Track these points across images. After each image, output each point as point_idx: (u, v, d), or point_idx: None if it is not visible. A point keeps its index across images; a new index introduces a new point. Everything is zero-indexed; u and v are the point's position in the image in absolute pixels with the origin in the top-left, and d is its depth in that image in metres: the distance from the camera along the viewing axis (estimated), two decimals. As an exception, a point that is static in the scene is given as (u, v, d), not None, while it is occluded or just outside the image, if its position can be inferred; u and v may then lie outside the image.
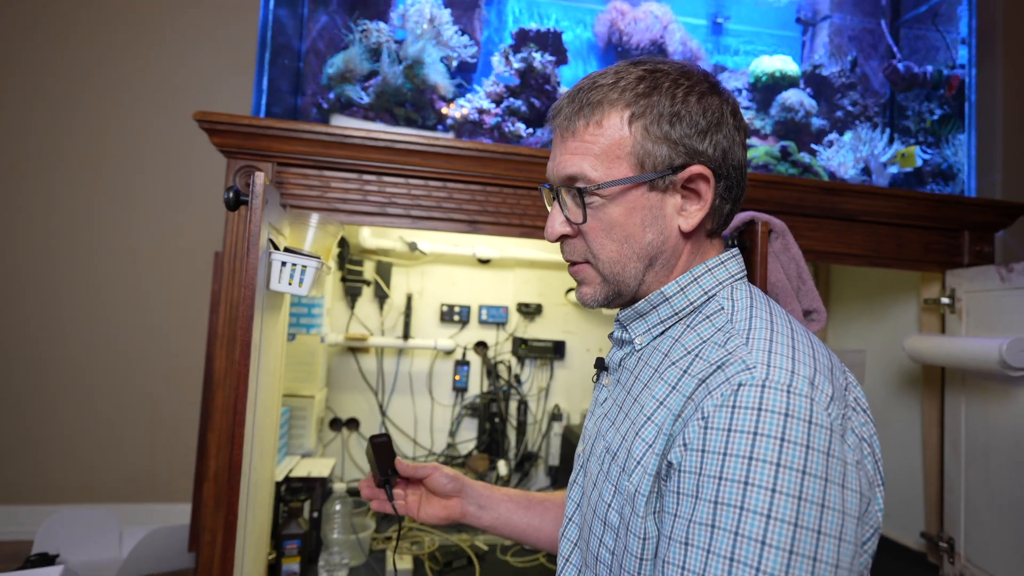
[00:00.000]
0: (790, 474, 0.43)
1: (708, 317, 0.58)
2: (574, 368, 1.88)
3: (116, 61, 1.83)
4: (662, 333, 0.62)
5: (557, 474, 1.77)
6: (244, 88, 1.84)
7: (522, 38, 1.48)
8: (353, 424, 1.74)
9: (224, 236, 1.05)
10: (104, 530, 1.23)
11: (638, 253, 0.60)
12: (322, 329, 1.53)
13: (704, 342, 0.55)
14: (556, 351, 1.83)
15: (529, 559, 1.37)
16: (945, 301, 1.38)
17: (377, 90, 1.39)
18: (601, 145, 0.58)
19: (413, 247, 1.72)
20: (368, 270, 1.75)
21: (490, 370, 1.80)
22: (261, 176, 0.79)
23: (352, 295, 1.73)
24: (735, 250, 0.64)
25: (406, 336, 1.74)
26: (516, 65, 1.45)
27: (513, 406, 1.81)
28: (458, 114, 1.42)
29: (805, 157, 1.53)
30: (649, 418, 0.54)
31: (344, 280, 1.72)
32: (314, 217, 1.04)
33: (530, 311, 1.84)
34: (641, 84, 0.58)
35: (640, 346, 0.63)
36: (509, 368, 1.82)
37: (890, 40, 1.63)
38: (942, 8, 1.67)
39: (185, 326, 1.83)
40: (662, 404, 0.53)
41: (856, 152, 1.56)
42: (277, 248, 0.92)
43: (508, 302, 1.84)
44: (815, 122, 1.57)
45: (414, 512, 0.81)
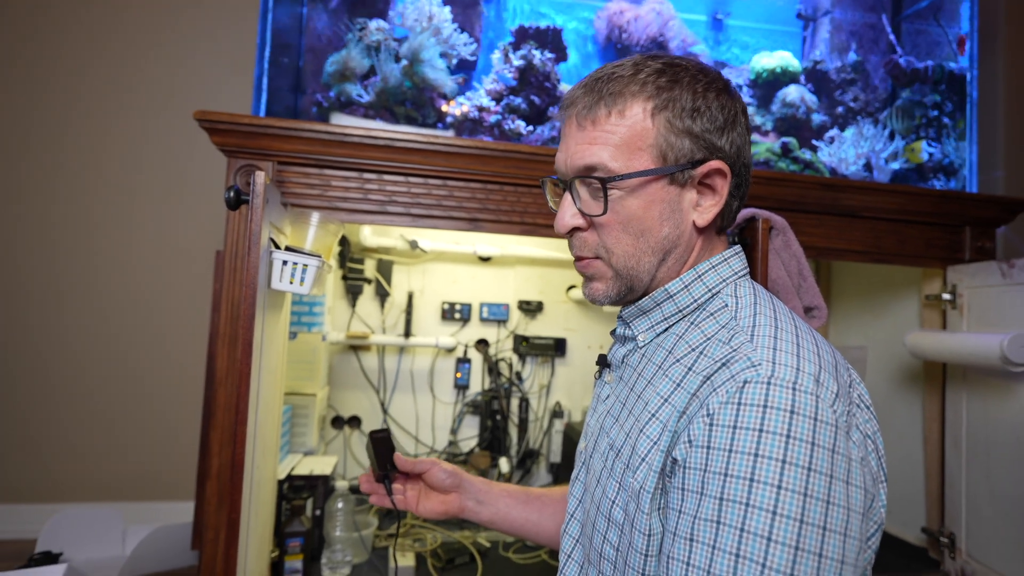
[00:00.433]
0: (796, 471, 0.43)
1: (712, 314, 0.58)
2: (575, 365, 1.88)
3: (115, 60, 1.83)
4: (665, 330, 0.61)
5: (559, 471, 1.78)
6: (244, 87, 1.83)
7: (522, 35, 1.48)
8: (355, 422, 1.74)
9: (225, 235, 1.06)
10: (107, 528, 1.23)
11: (653, 247, 0.59)
12: (324, 327, 1.53)
13: (708, 339, 0.55)
14: (557, 348, 1.83)
15: (531, 555, 1.37)
16: (946, 297, 1.38)
17: (377, 88, 1.39)
18: (621, 135, 0.57)
19: (414, 245, 1.72)
20: (369, 268, 1.75)
21: (491, 368, 1.80)
22: (262, 175, 0.79)
23: (353, 293, 1.74)
24: (738, 247, 0.64)
25: (407, 334, 1.75)
26: (516, 62, 1.45)
27: (514, 403, 1.81)
28: (458, 111, 1.41)
29: (806, 153, 1.53)
30: (654, 415, 0.54)
31: (345, 278, 1.72)
32: (315, 216, 1.04)
33: (531, 309, 1.84)
34: (662, 77, 0.57)
35: (643, 343, 0.63)
36: (510, 366, 1.83)
37: (891, 35, 1.63)
38: (944, 3, 1.66)
39: (186, 325, 1.84)
40: (667, 401, 0.53)
41: (857, 148, 1.56)
42: (278, 247, 0.92)
43: (509, 300, 1.84)
44: (816, 118, 1.56)
45: (413, 507, 0.81)
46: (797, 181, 1.28)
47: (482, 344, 1.82)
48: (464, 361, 1.79)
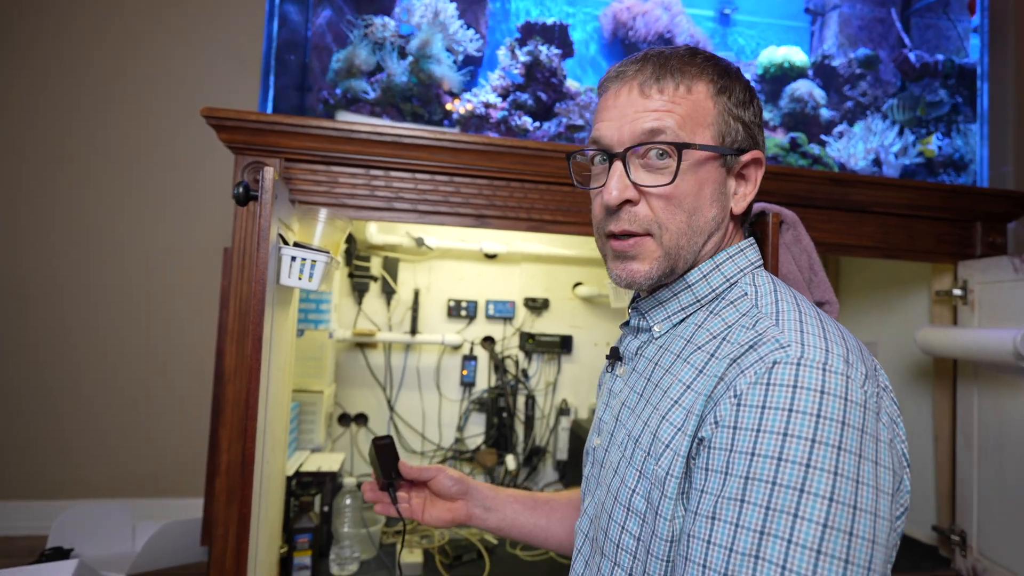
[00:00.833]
0: (826, 449, 0.43)
1: (732, 303, 0.58)
2: (582, 363, 1.88)
3: (121, 57, 1.83)
4: (682, 320, 0.61)
5: (565, 468, 1.77)
6: (250, 85, 1.84)
7: (528, 31, 1.47)
8: (361, 419, 1.74)
9: (233, 232, 1.06)
10: (117, 524, 1.24)
11: (701, 228, 0.58)
12: (330, 325, 1.53)
13: (730, 326, 0.55)
14: (563, 346, 1.83)
15: (538, 553, 1.37)
16: (957, 293, 1.36)
17: (383, 85, 1.38)
18: (688, 108, 0.57)
19: (420, 243, 1.72)
20: (375, 266, 1.75)
21: (497, 365, 1.80)
22: (271, 171, 0.79)
23: (359, 291, 1.74)
24: (752, 239, 0.64)
25: (413, 331, 1.75)
26: (522, 58, 1.44)
27: (521, 401, 1.81)
28: (463, 109, 1.41)
29: (815, 148, 1.52)
30: (676, 402, 0.53)
31: (351, 276, 1.72)
32: (323, 212, 1.04)
33: (537, 306, 1.84)
34: (717, 65, 0.60)
35: (659, 334, 0.62)
36: (516, 363, 1.82)
37: (900, 29, 1.61)
38: (953, -4, 1.65)
39: (194, 322, 1.84)
40: (689, 387, 0.53)
41: (866, 143, 1.55)
42: (287, 243, 0.92)
43: (515, 297, 1.84)
44: (824, 113, 1.55)
45: (418, 515, 0.79)
46: (806, 176, 1.27)
47: (488, 341, 1.82)
48: (470, 358, 1.79)
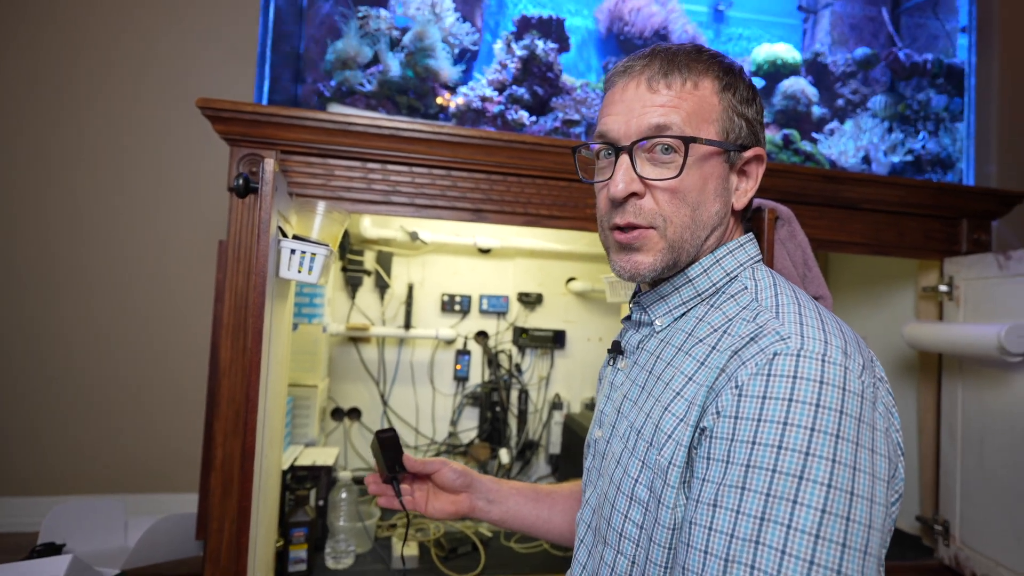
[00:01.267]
0: (824, 438, 0.44)
1: (732, 296, 0.59)
2: (574, 357, 1.89)
3: (115, 48, 1.80)
4: (683, 314, 0.62)
5: (558, 462, 1.79)
6: (242, 76, 1.81)
7: (524, 25, 1.47)
8: (355, 414, 1.74)
9: (228, 224, 1.05)
10: (110, 520, 1.23)
11: (705, 222, 0.60)
12: (324, 319, 1.53)
13: (731, 319, 0.56)
14: (556, 340, 1.84)
15: (533, 545, 1.38)
16: (943, 289, 1.39)
17: (379, 78, 1.38)
18: (694, 104, 0.58)
19: (414, 237, 1.71)
20: (369, 260, 1.74)
21: (491, 359, 1.80)
22: (271, 163, 0.78)
23: (353, 285, 1.73)
24: (751, 234, 0.65)
25: (407, 326, 1.75)
26: (518, 52, 1.44)
27: (514, 395, 1.81)
28: (454, 104, 1.41)
29: (807, 145, 1.54)
30: (678, 393, 0.55)
31: (345, 270, 1.71)
32: (321, 205, 1.03)
33: (531, 301, 1.84)
34: (722, 63, 0.61)
35: (660, 327, 0.64)
36: (510, 357, 1.83)
37: (891, 28, 1.63)
38: (942, -3, 1.67)
39: (187, 315, 1.82)
40: (691, 379, 0.54)
41: (856, 141, 1.57)
42: (285, 235, 0.91)
43: (509, 291, 1.84)
44: (816, 110, 1.57)
45: (422, 508, 0.80)
46: (799, 173, 1.29)
47: (482, 336, 1.82)
48: (464, 353, 1.80)
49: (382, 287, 1.75)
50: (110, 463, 1.77)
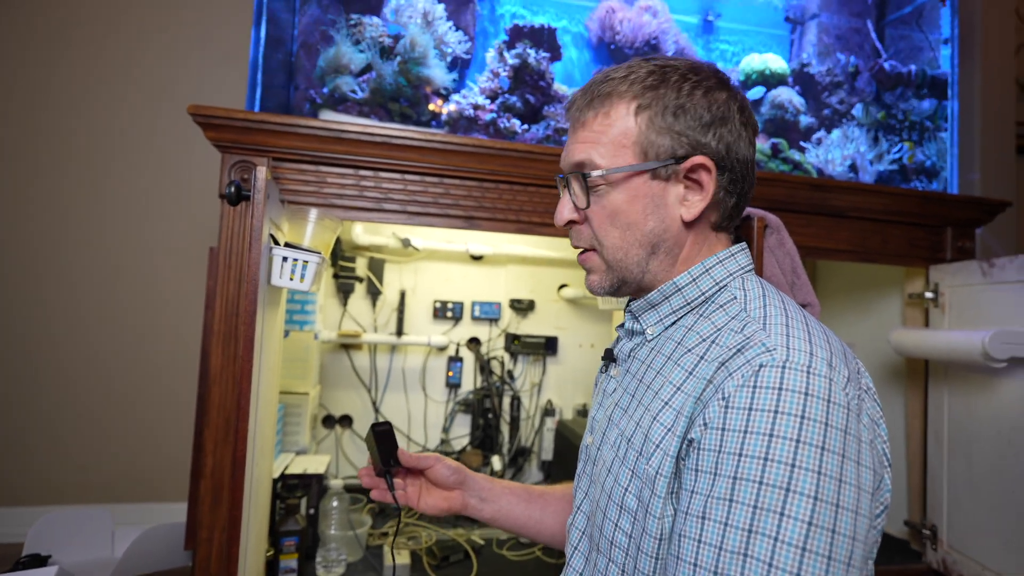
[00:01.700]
0: (810, 450, 0.45)
1: (721, 306, 0.59)
2: (566, 364, 1.89)
3: (106, 53, 1.79)
4: (674, 323, 0.63)
5: (550, 469, 1.79)
6: (235, 83, 1.81)
7: (516, 34, 1.48)
8: (346, 421, 1.73)
9: (220, 231, 1.04)
10: (96, 530, 1.21)
11: (640, 240, 0.61)
12: (315, 326, 1.52)
13: (719, 330, 0.56)
14: (548, 347, 1.84)
15: (525, 552, 1.38)
16: (929, 296, 1.41)
17: (372, 85, 1.38)
18: (609, 135, 0.61)
19: (406, 243, 1.71)
20: (361, 267, 1.74)
21: (483, 366, 1.80)
22: (263, 170, 0.78)
23: (345, 292, 1.73)
24: (743, 244, 0.66)
25: (399, 333, 1.74)
26: (511, 61, 1.45)
27: (506, 402, 1.81)
28: (445, 111, 1.41)
29: (795, 154, 1.56)
30: (667, 403, 0.55)
31: (336, 277, 1.71)
32: (313, 212, 1.03)
33: (523, 307, 1.85)
34: (650, 77, 0.60)
35: (652, 336, 0.64)
36: (502, 364, 1.83)
37: (876, 40, 1.67)
38: (925, 10, 1.71)
39: (176, 322, 1.81)
40: (679, 389, 0.55)
41: (843, 150, 1.59)
42: (277, 243, 0.91)
43: (501, 298, 1.85)
44: (803, 120, 1.59)
45: (414, 502, 0.80)
46: (787, 181, 1.31)
47: (474, 343, 1.82)
48: (456, 360, 1.79)
49: (374, 294, 1.75)
50: (98, 472, 1.75)
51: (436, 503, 0.80)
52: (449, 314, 1.79)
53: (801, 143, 1.58)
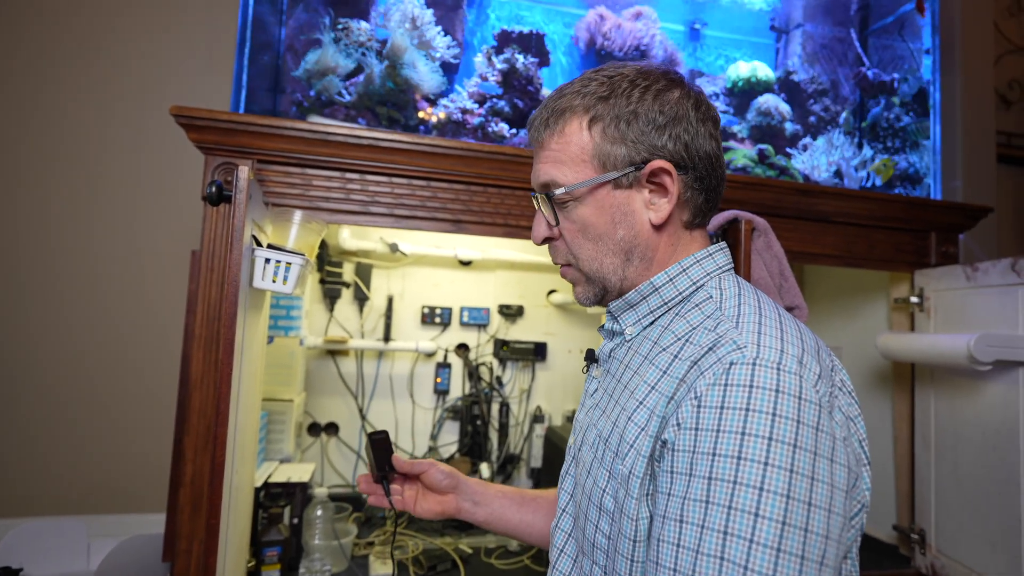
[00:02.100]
0: (782, 447, 0.44)
1: (697, 305, 0.59)
2: (556, 370, 1.88)
3: (88, 55, 1.77)
4: (652, 323, 0.63)
5: (540, 476, 1.77)
6: (219, 85, 1.79)
7: (504, 39, 1.49)
8: (332, 429, 1.70)
9: (202, 234, 1.02)
10: (71, 542, 1.17)
11: (612, 249, 0.62)
12: (301, 332, 1.50)
13: (694, 328, 0.56)
14: (537, 353, 1.83)
15: (513, 561, 1.36)
16: (914, 300, 1.42)
17: (359, 89, 1.37)
18: (567, 152, 0.62)
19: (394, 248, 1.70)
20: (348, 272, 1.72)
21: (472, 372, 1.79)
22: (245, 170, 0.77)
23: (331, 297, 1.70)
24: (723, 243, 0.66)
25: (387, 338, 1.72)
26: (499, 66, 1.45)
27: (495, 408, 1.80)
28: (435, 118, 1.41)
29: (781, 160, 1.58)
30: (641, 403, 0.55)
31: (323, 282, 1.69)
32: (297, 214, 1.02)
33: (511, 313, 1.84)
34: (600, 88, 0.61)
35: (630, 336, 0.64)
36: (491, 370, 1.82)
37: (859, 49, 1.69)
38: (907, 20, 1.74)
39: (156, 326, 1.77)
40: (654, 388, 0.54)
41: (828, 156, 1.61)
42: (260, 245, 0.89)
43: (489, 304, 1.83)
44: (789, 126, 1.61)
45: (411, 507, 0.82)
46: (773, 186, 1.31)
47: (462, 348, 1.80)
48: (444, 366, 1.78)
49: (361, 299, 1.73)
50: (75, 482, 1.70)
51: (431, 507, 0.82)
52: (437, 320, 1.78)
53: (787, 149, 1.60)
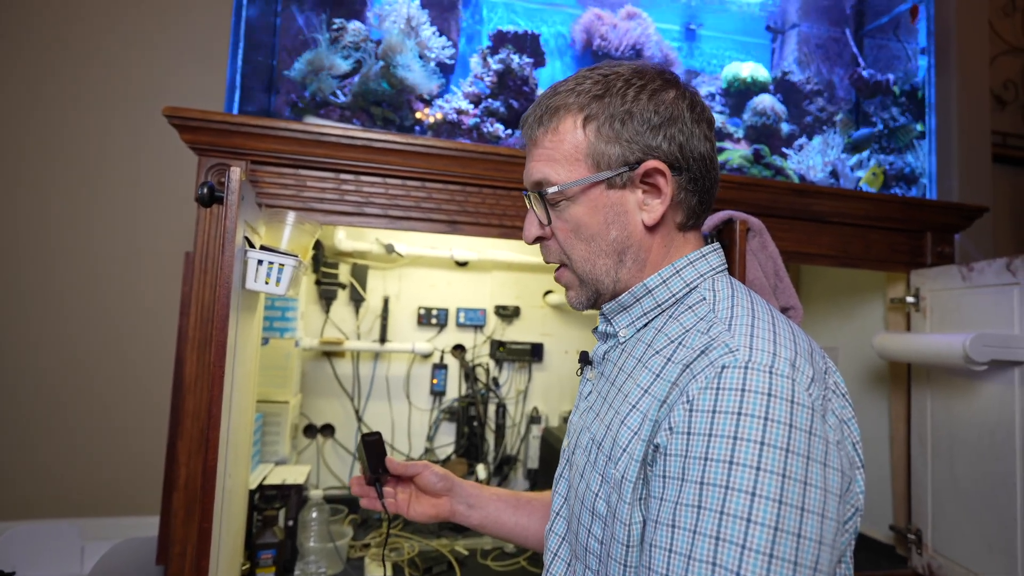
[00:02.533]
0: (774, 452, 0.44)
1: (690, 307, 0.59)
2: (552, 371, 1.88)
3: (80, 54, 1.76)
4: (645, 325, 0.62)
5: (536, 477, 1.77)
6: (214, 86, 1.79)
7: (500, 40, 1.48)
8: (328, 430, 1.70)
9: (195, 235, 1.02)
10: (64, 545, 1.17)
11: (605, 250, 0.61)
12: (296, 333, 1.49)
13: (687, 331, 0.56)
14: (534, 354, 1.83)
15: (510, 563, 1.36)
16: (910, 300, 1.42)
17: (354, 90, 1.37)
18: (561, 150, 0.61)
19: (390, 249, 1.69)
20: (343, 273, 1.72)
21: (468, 373, 1.78)
22: (237, 171, 0.77)
23: (327, 298, 1.70)
24: (716, 244, 0.65)
25: (383, 340, 1.72)
26: (494, 66, 1.45)
27: (491, 409, 1.79)
28: (437, 115, 1.41)
29: (777, 160, 1.57)
30: (634, 406, 0.54)
31: (319, 283, 1.68)
32: (290, 215, 1.01)
33: (508, 314, 1.83)
34: (595, 87, 0.60)
35: (624, 339, 0.64)
36: (487, 371, 1.81)
37: (855, 49, 1.69)
38: (903, 20, 1.74)
39: (150, 330, 1.76)
40: (647, 392, 0.54)
41: (824, 156, 1.61)
42: (253, 246, 0.89)
43: (486, 305, 1.83)
44: (785, 127, 1.61)
45: (404, 510, 0.81)
46: (769, 186, 1.31)
47: (459, 350, 1.80)
48: (440, 367, 1.77)
49: (357, 300, 1.72)
50: (71, 484, 1.69)
51: (425, 510, 0.81)
52: (433, 321, 1.77)
53: (783, 149, 1.60)
